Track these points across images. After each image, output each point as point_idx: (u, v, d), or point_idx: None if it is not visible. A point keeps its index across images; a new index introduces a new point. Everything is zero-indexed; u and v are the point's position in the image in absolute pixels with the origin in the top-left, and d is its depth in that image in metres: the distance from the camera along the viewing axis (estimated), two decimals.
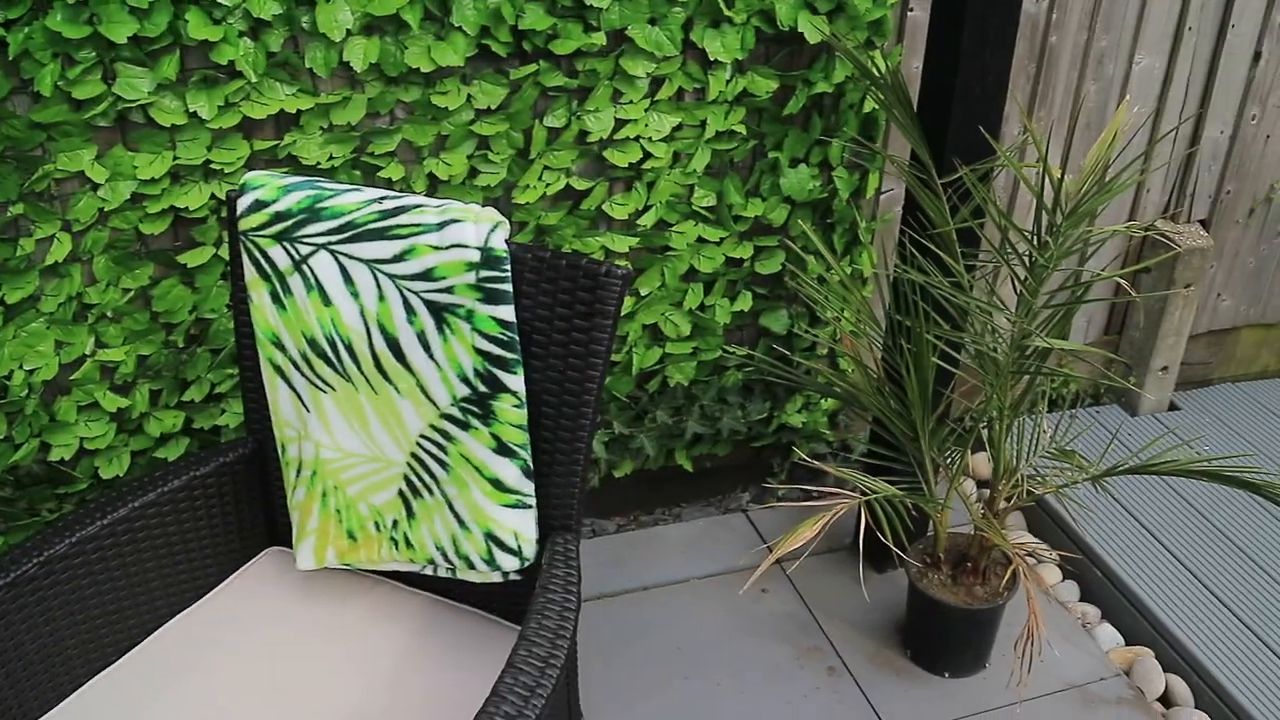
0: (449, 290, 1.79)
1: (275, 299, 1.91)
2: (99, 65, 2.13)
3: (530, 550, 1.91)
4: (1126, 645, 2.80)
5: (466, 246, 1.77)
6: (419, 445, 1.90)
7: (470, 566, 1.94)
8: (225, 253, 2.37)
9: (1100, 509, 3.13)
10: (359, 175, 2.41)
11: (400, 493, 1.95)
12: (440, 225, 1.78)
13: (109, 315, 2.34)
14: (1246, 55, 3.24)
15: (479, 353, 1.80)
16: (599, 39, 2.42)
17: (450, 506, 1.90)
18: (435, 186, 2.48)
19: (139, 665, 1.93)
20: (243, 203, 1.89)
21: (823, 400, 3.05)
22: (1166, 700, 2.66)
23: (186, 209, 2.29)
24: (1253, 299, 3.70)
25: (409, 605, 2.07)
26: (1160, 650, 2.75)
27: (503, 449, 1.84)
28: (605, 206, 2.62)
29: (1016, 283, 2.28)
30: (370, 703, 1.86)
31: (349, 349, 1.88)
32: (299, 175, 1.95)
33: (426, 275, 1.79)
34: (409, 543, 1.97)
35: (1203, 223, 3.47)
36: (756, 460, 3.13)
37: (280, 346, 1.93)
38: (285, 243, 1.87)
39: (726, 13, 2.48)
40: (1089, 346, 2.92)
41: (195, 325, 2.43)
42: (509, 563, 1.91)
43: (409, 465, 1.92)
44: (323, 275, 1.86)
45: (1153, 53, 3.14)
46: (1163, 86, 3.20)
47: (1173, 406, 3.65)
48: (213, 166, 2.28)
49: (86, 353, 2.33)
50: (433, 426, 1.87)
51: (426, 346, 1.83)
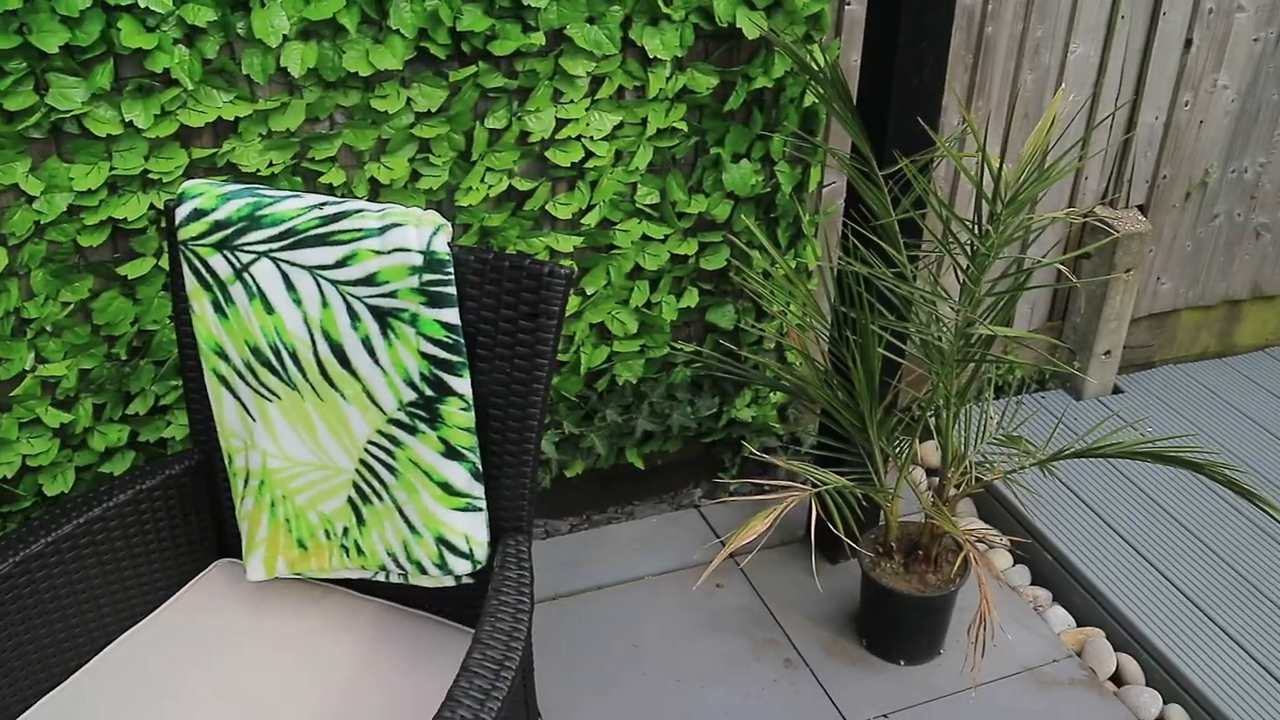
0: (392, 295, 1.78)
1: (217, 308, 1.89)
2: (30, 76, 2.10)
3: (482, 553, 1.90)
4: (1078, 627, 2.83)
5: (409, 250, 1.76)
6: (367, 451, 1.89)
7: (422, 571, 1.93)
8: (166, 263, 2.34)
9: (1048, 493, 3.16)
10: (300, 181, 2.39)
11: (349, 500, 1.94)
12: (382, 230, 1.77)
13: (48, 329, 2.30)
14: (1178, 42, 3.29)
15: (424, 357, 1.80)
16: (538, 39, 2.42)
17: (400, 512, 1.90)
18: (377, 191, 2.47)
19: (88, 684, 1.91)
20: (181, 212, 1.88)
21: (771, 394, 3.06)
22: (1118, 679, 2.69)
23: (125, 220, 2.27)
24: (1191, 281, 3.75)
25: (362, 613, 2.06)
26: (1110, 630, 2.78)
27: (451, 452, 1.84)
28: (549, 207, 2.62)
29: (959, 272, 2.30)
30: (325, 712, 1.84)
31: (293, 357, 1.87)
32: (238, 183, 1.93)
33: (369, 280, 1.79)
34: (360, 550, 1.96)
35: (1140, 208, 3.51)
36: (707, 456, 3.14)
37: (224, 356, 1.92)
38: (226, 251, 1.85)
39: (665, 10, 2.49)
40: (1033, 333, 2.96)
41: (138, 337, 2.41)
42: (461, 566, 1.90)
43: (357, 472, 1.91)
44: (265, 283, 1.84)
45: (1087, 41, 3.18)
46: (1098, 74, 3.24)
47: (1116, 390, 3.70)
48: (151, 176, 2.26)
49: (26, 368, 2.30)
50: (380, 432, 1.87)
51: (371, 352, 1.82)
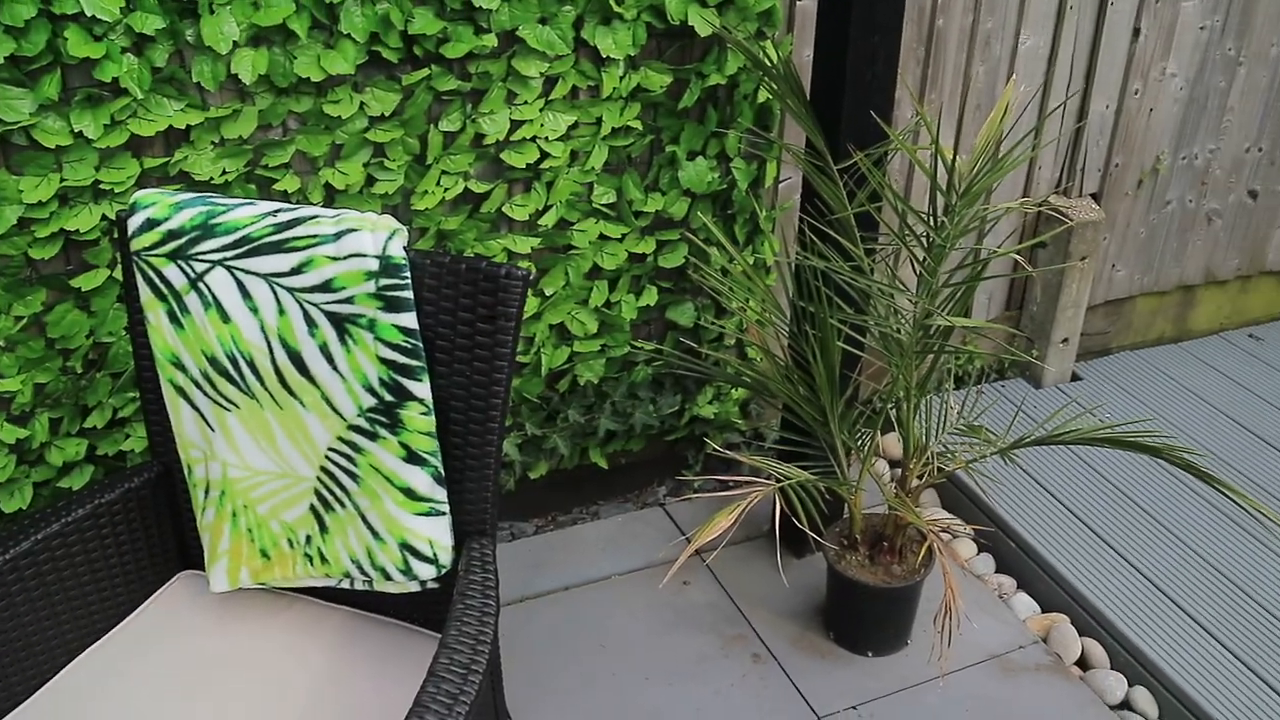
0: (349, 300, 1.77)
1: (173, 318, 1.87)
2: None
3: (446, 557, 1.90)
4: (1043, 613, 2.86)
5: (365, 255, 1.75)
6: (328, 458, 1.88)
7: (387, 578, 1.92)
8: (120, 274, 2.32)
9: (1010, 481, 3.19)
10: (254, 189, 2.38)
11: (312, 508, 1.93)
12: (337, 235, 1.77)
13: (1, 344, 2.28)
14: (1126, 31, 3.32)
15: (383, 362, 1.79)
16: (490, 41, 2.41)
17: (363, 518, 1.89)
18: (332, 197, 2.45)
19: (51, 702, 1.89)
20: (134, 222, 1.86)
21: (733, 390, 3.07)
22: (1084, 663, 2.72)
23: (77, 231, 2.24)
24: (1145, 268, 3.79)
25: (328, 621, 2.05)
26: (1075, 615, 2.81)
27: (413, 457, 1.83)
28: (505, 208, 2.62)
29: (916, 264, 2.32)
30: None
31: (251, 365, 1.85)
32: (191, 192, 1.92)
33: (326, 286, 1.78)
34: (323, 557, 1.95)
35: (1094, 196, 3.54)
36: (671, 454, 3.15)
37: (180, 367, 1.90)
38: (180, 261, 1.84)
39: (617, 9, 2.49)
40: (990, 323, 2.97)
41: (93, 350, 2.38)
42: (425, 571, 1.90)
43: (319, 479, 1.90)
44: (220, 292, 1.83)
45: (1037, 32, 3.20)
46: (1048, 65, 3.27)
47: (1075, 377, 3.73)
48: (102, 187, 2.24)
49: None
50: (341, 439, 1.86)
51: (330, 358, 1.81)
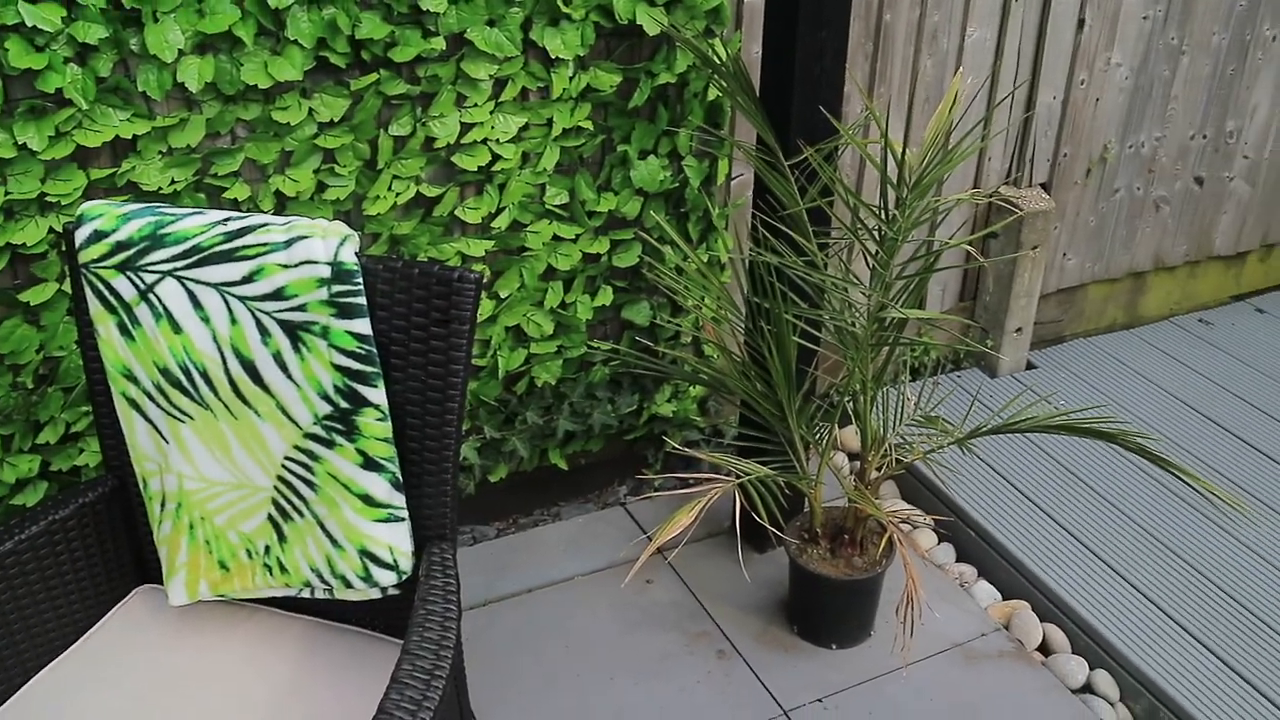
0: (302, 308, 1.76)
1: (123, 331, 1.86)
2: None
3: (406, 563, 1.89)
4: (1004, 600, 2.88)
5: (316, 262, 1.74)
6: (284, 467, 1.87)
7: (347, 586, 1.91)
8: (69, 287, 2.29)
9: (968, 471, 3.21)
10: (203, 198, 2.36)
11: (270, 517, 1.91)
12: (288, 243, 1.76)
13: None
14: (1071, 23, 3.35)
15: (337, 369, 1.78)
16: (438, 44, 2.40)
17: (322, 526, 1.88)
18: (283, 204, 2.44)
19: None
20: (81, 234, 1.84)
21: (691, 388, 3.07)
22: (1045, 649, 2.75)
23: (24, 245, 2.22)
24: (1096, 256, 3.83)
25: (289, 631, 2.03)
26: (1035, 601, 2.83)
27: (370, 464, 1.82)
28: (458, 212, 2.61)
29: (869, 257, 2.33)
30: None
31: (204, 376, 1.84)
32: (139, 202, 1.90)
33: (278, 295, 1.77)
34: (283, 567, 1.93)
35: (1044, 186, 3.58)
36: (630, 453, 3.15)
37: (132, 379, 1.88)
38: (129, 273, 1.82)
39: (565, 10, 2.49)
40: (944, 314, 3.00)
41: (44, 364, 2.36)
42: (386, 578, 1.89)
43: (276, 489, 1.89)
44: (171, 303, 1.82)
45: (983, 25, 3.23)
46: (995, 57, 3.30)
47: (1030, 365, 3.76)
48: (48, 199, 2.21)
49: None
50: (297, 447, 1.84)
51: (284, 367, 1.80)
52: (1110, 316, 4.03)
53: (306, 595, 1.97)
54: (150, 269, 1.81)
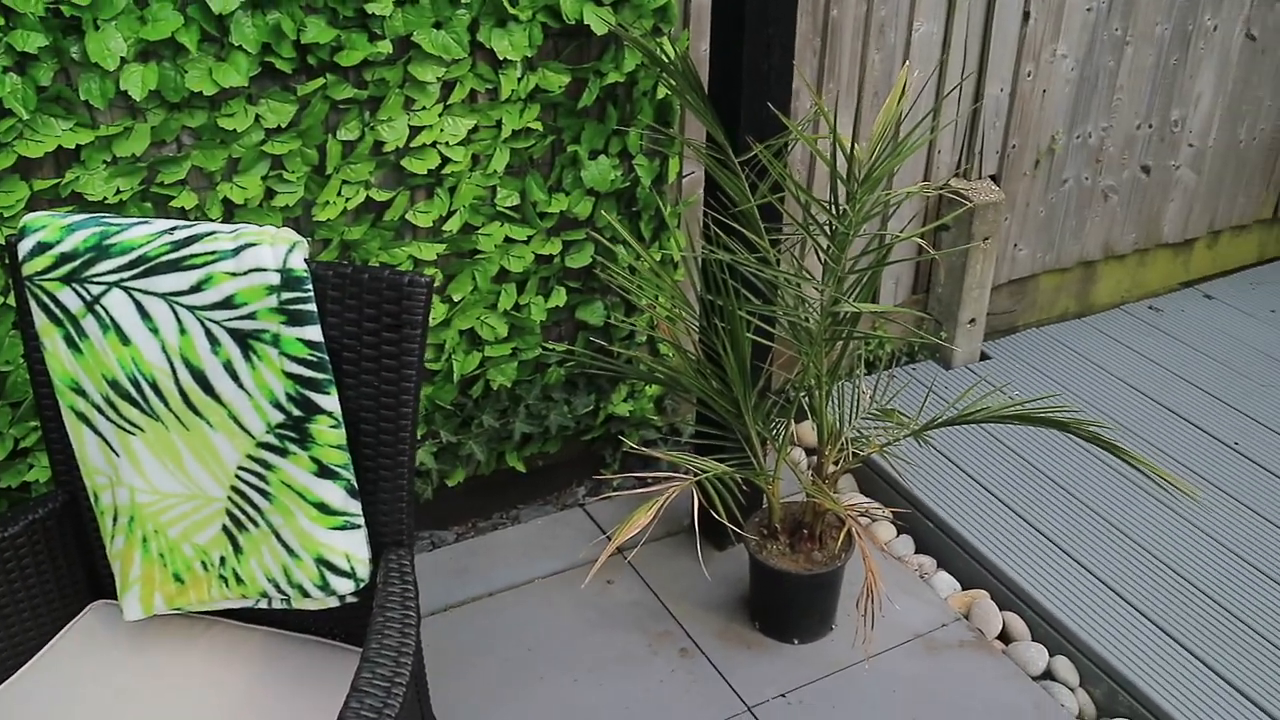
0: (251, 316, 1.74)
1: (70, 343, 1.83)
2: None
3: (364, 570, 1.88)
4: (963, 590, 2.90)
5: (265, 270, 1.73)
6: (238, 477, 1.85)
7: (305, 595, 1.90)
8: (14, 300, 2.26)
9: (925, 463, 3.23)
10: (150, 208, 2.33)
11: (224, 528, 1.89)
12: (236, 251, 1.74)
13: None
14: (1016, 15, 3.38)
15: (289, 376, 1.76)
16: (385, 47, 2.39)
17: (277, 536, 1.86)
18: (231, 212, 2.42)
19: None
20: (24, 247, 1.82)
21: (647, 387, 3.07)
22: (1005, 637, 2.77)
23: None
24: (1046, 246, 3.86)
25: (247, 642, 2.01)
26: (994, 590, 2.85)
27: (324, 471, 1.81)
28: (409, 216, 2.59)
29: (821, 252, 2.34)
30: None
31: (154, 387, 1.82)
32: (84, 213, 1.88)
33: (227, 303, 1.75)
34: (239, 578, 1.92)
35: (993, 177, 3.60)
36: (588, 454, 3.14)
37: (81, 392, 1.86)
38: (74, 284, 1.80)
39: (512, 11, 2.48)
40: (898, 307, 3.01)
41: None
42: (343, 586, 1.87)
43: (230, 499, 1.87)
44: (118, 314, 1.79)
45: (930, 19, 3.25)
46: (942, 50, 3.31)
47: (984, 356, 3.79)
48: None
49: None
50: (250, 457, 1.83)
51: (235, 376, 1.78)
52: (1062, 306, 4.06)
53: (264, 606, 1.95)
54: (96, 280, 1.79)
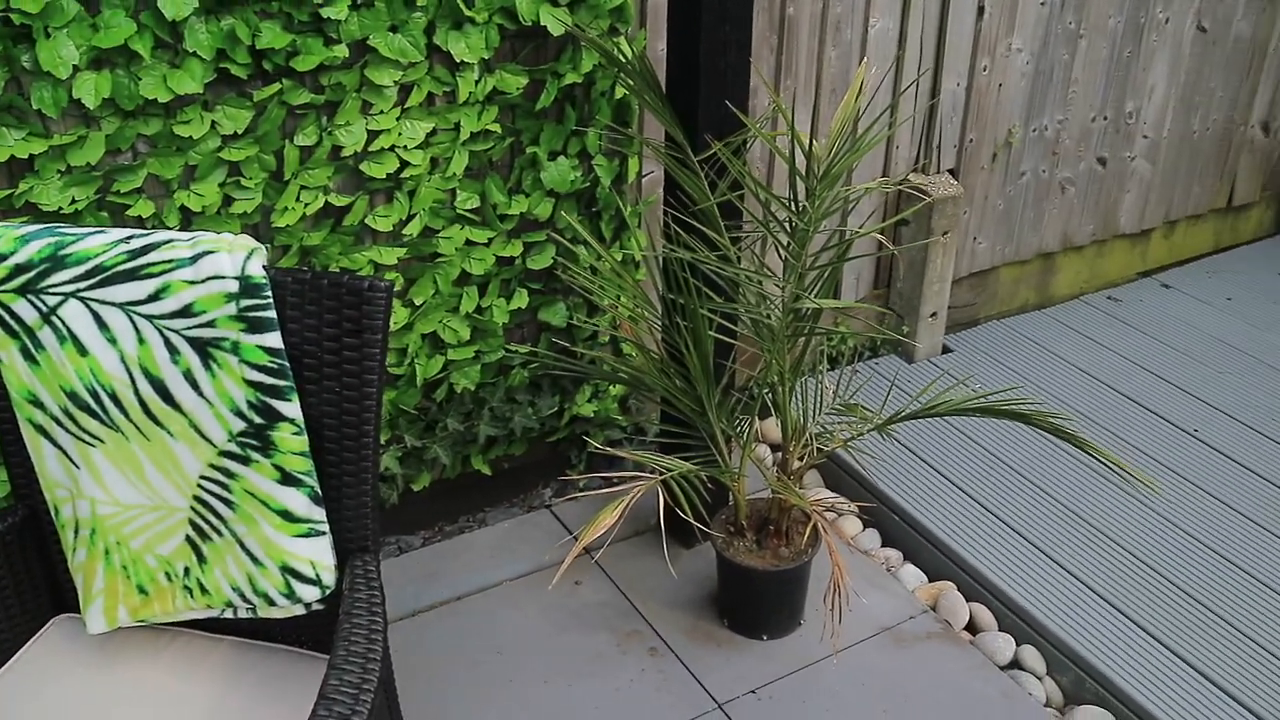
0: (210, 324, 1.73)
1: (27, 355, 1.81)
2: None
3: (329, 577, 1.87)
4: (930, 582, 2.92)
5: (223, 277, 1.72)
6: (200, 487, 1.84)
7: (270, 603, 1.88)
8: None
9: (890, 456, 3.24)
10: (106, 217, 2.31)
11: (188, 538, 1.88)
12: (194, 259, 1.73)
13: None
14: (971, 10, 3.40)
15: (250, 384, 1.75)
16: (341, 52, 2.38)
17: (241, 545, 1.85)
18: (189, 219, 2.40)
19: None
20: None
21: (611, 387, 3.07)
22: (972, 628, 2.78)
23: None
24: (1006, 239, 3.89)
25: (214, 653, 2.00)
26: (961, 582, 2.87)
27: (287, 479, 1.80)
28: (368, 220, 2.58)
29: (781, 249, 2.35)
30: None
31: (113, 398, 1.80)
32: (39, 223, 1.86)
33: (185, 312, 1.74)
34: (204, 588, 1.90)
35: (951, 172, 3.62)
36: (554, 455, 3.14)
37: (38, 404, 1.84)
38: (29, 295, 1.78)
39: (468, 13, 2.47)
40: (859, 302, 3.03)
41: None
42: (309, 593, 1.87)
43: (193, 509, 1.86)
44: (75, 325, 1.78)
45: (885, 15, 3.26)
46: (899, 46, 3.33)
47: (946, 349, 3.81)
48: None
49: None
50: (212, 466, 1.82)
51: (195, 385, 1.77)
52: (1022, 298, 4.09)
53: (229, 615, 1.94)
54: (52, 291, 1.77)
